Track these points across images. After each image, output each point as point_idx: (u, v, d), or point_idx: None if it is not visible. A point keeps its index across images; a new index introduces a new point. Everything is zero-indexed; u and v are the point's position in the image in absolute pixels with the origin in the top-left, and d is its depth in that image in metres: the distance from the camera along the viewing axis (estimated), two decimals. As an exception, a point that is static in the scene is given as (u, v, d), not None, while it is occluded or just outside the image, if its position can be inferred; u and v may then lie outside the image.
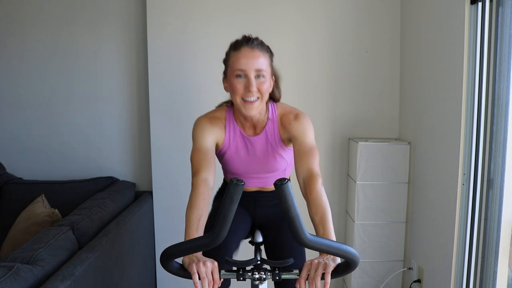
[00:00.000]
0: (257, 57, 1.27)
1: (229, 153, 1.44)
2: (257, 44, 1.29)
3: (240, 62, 1.27)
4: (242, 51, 1.28)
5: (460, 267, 1.74)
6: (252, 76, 1.27)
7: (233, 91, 1.30)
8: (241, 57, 1.27)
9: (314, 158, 1.29)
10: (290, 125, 1.37)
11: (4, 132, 2.52)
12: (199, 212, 1.16)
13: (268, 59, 1.31)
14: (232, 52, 1.31)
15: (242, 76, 1.28)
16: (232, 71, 1.29)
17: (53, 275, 1.31)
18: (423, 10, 2.07)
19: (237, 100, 1.30)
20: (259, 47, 1.30)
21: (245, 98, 1.29)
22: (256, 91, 1.28)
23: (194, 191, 1.22)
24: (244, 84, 1.28)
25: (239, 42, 1.31)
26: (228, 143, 1.43)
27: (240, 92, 1.28)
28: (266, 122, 1.41)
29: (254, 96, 1.28)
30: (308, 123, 1.37)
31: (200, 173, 1.26)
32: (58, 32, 2.43)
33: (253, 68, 1.27)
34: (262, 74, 1.28)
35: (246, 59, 1.27)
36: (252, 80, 1.27)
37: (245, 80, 1.28)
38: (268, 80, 1.31)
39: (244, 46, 1.28)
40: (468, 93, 1.68)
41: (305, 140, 1.33)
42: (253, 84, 1.27)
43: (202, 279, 1.02)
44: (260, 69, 1.27)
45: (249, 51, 1.28)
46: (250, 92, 1.27)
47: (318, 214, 1.15)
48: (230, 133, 1.42)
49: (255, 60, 1.27)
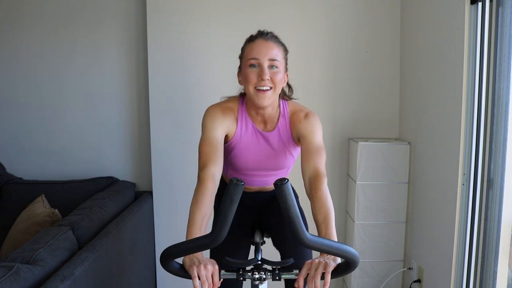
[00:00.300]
0: (271, 47, 1.30)
1: (239, 146, 1.41)
2: (271, 36, 1.33)
3: (254, 51, 1.29)
4: (256, 42, 1.31)
5: (460, 267, 1.74)
6: (266, 65, 1.28)
7: (247, 80, 1.30)
8: (255, 47, 1.30)
9: (321, 158, 1.29)
10: (300, 123, 1.37)
11: (4, 132, 2.52)
12: (205, 209, 1.16)
13: (282, 52, 1.33)
14: (247, 44, 1.33)
15: (256, 65, 1.29)
16: (246, 61, 1.31)
17: (53, 275, 1.31)
18: (423, 10, 2.07)
19: (250, 89, 1.30)
20: (274, 40, 1.33)
21: (258, 87, 1.28)
22: (269, 80, 1.28)
23: (201, 186, 1.20)
24: (258, 73, 1.28)
25: (254, 36, 1.34)
26: (240, 136, 1.40)
27: (254, 81, 1.28)
28: (278, 118, 1.40)
29: (267, 86, 1.28)
30: (317, 122, 1.37)
31: (208, 166, 1.24)
32: (58, 32, 2.43)
33: (267, 57, 1.28)
34: (275, 65, 1.29)
35: (260, 48, 1.29)
36: (265, 69, 1.27)
37: (258, 69, 1.29)
38: (281, 71, 1.31)
39: (259, 38, 1.31)
40: (468, 93, 1.68)
41: (313, 140, 1.33)
42: (266, 73, 1.27)
43: (202, 282, 1.02)
44: (273, 59, 1.29)
45: (263, 42, 1.30)
46: (263, 80, 1.27)
47: (321, 214, 1.15)
48: (242, 126, 1.39)
49: (269, 50, 1.29)
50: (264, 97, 1.29)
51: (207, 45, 2.32)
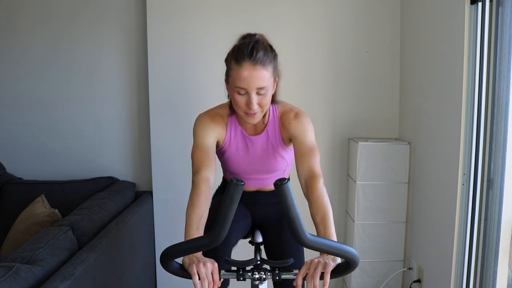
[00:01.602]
0: (258, 74, 1.21)
1: (229, 151, 1.43)
2: (260, 57, 1.21)
3: (241, 80, 1.22)
4: (243, 67, 1.21)
5: (460, 267, 1.74)
6: (253, 94, 1.24)
7: (235, 104, 1.29)
8: (242, 74, 1.21)
9: (315, 157, 1.28)
10: (289, 124, 1.36)
11: (4, 132, 2.52)
12: (200, 211, 1.16)
13: (270, 70, 1.25)
14: (234, 63, 1.23)
15: (243, 93, 1.25)
16: (233, 85, 1.26)
17: (53, 275, 1.31)
18: (423, 10, 2.07)
19: (239, 111, 1.30)
20: (262, 61, 1.21)
21: (247, 112, 1.28)
22: (257, 106, 1.26)
23: (195, 190, 1.21)
24: (246, 100, 1.26)
25: (240, 54, 1.22)
26: (229, 142, 1.42)
27: (242, 108, 1.28)
28: (267, 121, 1.40)
29: (255, 110, 1.27)
30: (307, 122, 1.36)
31: (201, 171, 1.25)
32: (58, 32, 2.43)
33: (254, 86, 1.23)
34: (263, 91, 1.25)
35: (248, 77, 1.21)
36: (253, 98, 1.24)
37: (246, 98, 1.25)
38: (269, 91, 1.28)
39: (246, 62, 1.20)
40: (468, 93, 1.68)
41: (305, 140, 1.32)
42: (253, 102, 1.24)
43: (202, 279, 1.02)
44: (261, 87, 1.23)
45: (251, 68, 1.20)
46: (251, 109, 1.26)
47: (319, 214, 1.15)
48: (231, 131, 1.41)
49: (256, 79, 1.21)
50: (253, 119, 1.30)
51: (207, 45, 2.32)
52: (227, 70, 1.30)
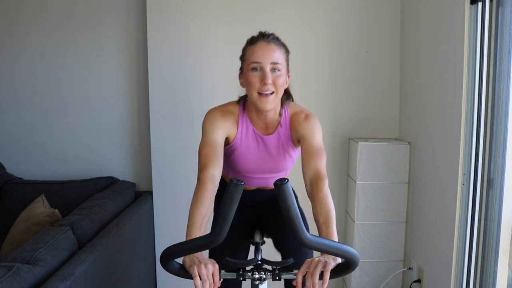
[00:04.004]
0: (273, 50, 1.28)
1: (239, 150, 1.41)
2: (273, 38, 1.31)
3: (256, 55, 1.28)
4: (258, 45, 1.29)
5: (460, 267, 1.74)
6: (268, 69, 1.27)
7: (249, 84, 1.29)
8: (257, 50, 1.28)
9: (322, 159, 1.29)
10: (299, 125, 1.37)
11: (4, 132, 2.52)
12: (204, 210, 1.16)
13: (283, 54, 1.32)
14: (248, 46, 1.32)
15: (258, 69, 1.28)
16: (247, 64, 1.29)
17: (53, 275, 1.31)
18: (423, 10, 2.07)
19: (252, 94, 1.30)
20: (275, 42, 1.31)
21: (261, 91, 1.28)
22: (271, 84, 1.27)
23: (200, 187, 1.20)
24: (260, 77, 1.27)
25: (255, 37, 1.32)
26: (240, 140, 1.40)
27: (256, 86, 1.28)
28: (279, 121, 1.40)
29: (270, 90, 1.28)
30: (317, 124, 1.37)
31: (207, 168, 1.24)
32: (58, 32, 2.43)
33: (269, 60, 1.27)
34: (277, 68, 1.28)
35: (262, 51, 1.27)
36: (268, 73, 1.27)
37: (260, 73, 1.28)
38: (283, 74, 1.30)
39: (260, 41, 1.30)
40: (468, 93, 1.68)
41: (313, 141, 1.33)
42: (268, 77, 1.26)
43: (203, 281, 1.02)
44: (275, 62, 1.28)
45: (265, 44, 1.29)
46: (265, 85, 1.26)
47: (322, 215, 1.16)
48: (242, 129, 1.40)
49: (271, 53, 1.27)
50: (267, 101, 1.29)
51: (207, 45, 2.32)
52: (242, 58, 1.35)
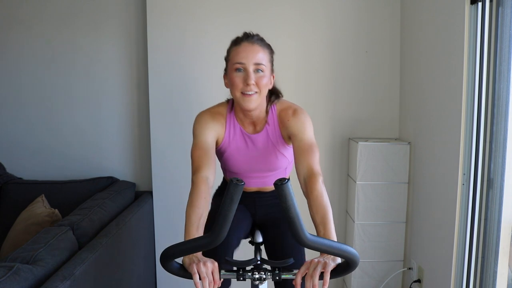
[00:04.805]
0: (256, 51, 1.29)
1: (229, 151, 1.43)
2: (257, 39, 1.32)
3: (240, 55, 1.29)
4: (242, 46, 1.30)
5: (460, 267, 1.74)
6: (251, 70, 1.28)
7: (232, 85, 1.31)
8: (240, 51, 1.29)
9: (314, 155, 1.28)
10: (288, 121, 1.36)
11: (4, 132, 2.52)
12: (200, 211, 1.16)
13: (268, 55, 1.33)
14: (233, 47, 1.33)
15: (241, 70, 1.29)
16: (231, 65, 1.31)
17: (53, 275, 1.31)
18: (423, 10, 2.07)
19: (236, 94, 1.31)
20: (259, 42, 1.32)
21: (244, 92, 1.29)
22: (254, 85, 1.28)
23: (194, 189, 1.21)
24: (243, 77, 1.29)
25: (239, 38, 1.33)
26: (228, 141, 1.41)
27: (239, 87, 1.29)
28: (266, 119, 1.40)
29: (253, 90, 1.29)
30: (306, 119, 1.36)
31: (200, 170, 1.25)
32: (58, 32, 2.43)
33: (252, 61, 1.28)
34: (261, 69, 1.29)
35: (246, 52, 1.28)
36: (251, 74, 1.28)
37: (244, 74, 1.29)
38: (267, 75, 1.31)
39: (244, 41, 1.31)
40: (468, 93, 1.68)
41: (304, 137, 1.31)
42: (251, 77, 1.27)
43: (203, 279, 1.02)
44: (259, 63, 1.29)
45: (249, 45, 1.30)
46: (248, 85, 1.28)
47: (319, 214, 1.14)
48: (230, 130, 1.41)
49: (254, 54, 1.28)
50: (250, 101, 1.30)
51: (207, 45, 2.32)
52: (226, 59, 1.36)
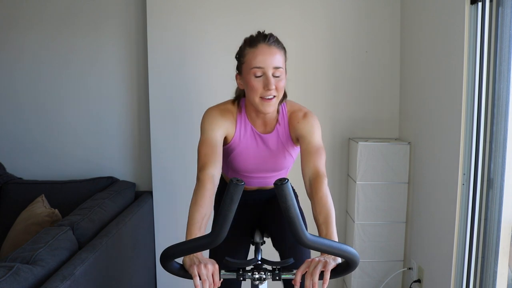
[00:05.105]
0: (274, 54, 1.26)
1: (238, 149, 1.41)
2: (273, 41, 1.28)
3: (258, 59, 1.25)
4: (259, 48, 1.26)
5: (460, 267, 1.74)
6: (270, 74, 1.25)
7: (251, 89, 1.27)
8: (258, 54, 1.25)
9: (321, 158, 1.28)
10: (298, 123, 1.36)
11: (4, 132, 2.52)
12: (204, 210, 1.15)
13: (283, 56, 1.30)
14: (248, 48, 1.28)
15: (260, 74, 1.26)
16: (248, 69, 1.27)
17: (53, 275, 1.31)
18: (423, 10, 2.07)
19: (254, 98, 1.29)
20: (276, 44, 1.28)
21: (264, 96, 1.27)
22: (274, 89, 1.26)
23: (200, 187, 1.19)
24: (263, 82, 1.26)
25: (255, 39, 1.28)
26: (239, 139, 1.39)
27: (259, 91, 1.27)
28: (277, 119, 1.39)
29: (272, 95, 1.27)
30: (316, 122, 1.36)
31: (207, 168, 1.23)
32: (58, 32, 2.43)
33: (271, 65, 1.25)
34: (279, 72, 1.27)
35: (264, 56, 1.25)
36: (271, 78, 1.25)
37: (263, 79, 1.26)
38: (284, 77, 1.30)
39: (261, 43, 1.26)
40: (468, 93, 1.68)
41: (312, 140, 1.32)
42: (272, 83, 1.25)
43: (203, 281, 1.02)
44: (278, 67, 1.26)
45: (267, 48, 1.26)
46: (269, 90, 1.25)
47: (322, 214, 1.15)
48: (241, 128, 1.39)
49: (273, 57, 1.25)
50: (269, 105, 1.29)
51: (207, 45, 2.32)
52: (240, 59, 1.32)
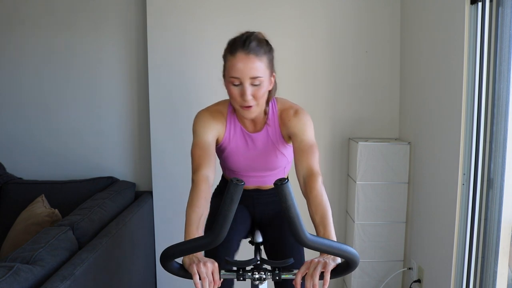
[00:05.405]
0: (251, 62, 1.21)
1: (229, 149, 1.42)
2: (253, 47, 1.22)
3: (235, 69, 1.22)
4: (237, 57, 1.22)
5: (460, 267, 1.74)
6: (247, 84, 1.23)
7: (231, 96, 1.28)
8: (235, 63, 1.22)
9: (314, 155, 1.27)
10: (289, 121, 1.35)
11: (4, 132, 2.52)
12: (200, 210, 1.16)
13: (265, 62, 1.25)
14: (229, 55, 1.25)
15: (238, 83, 1.24)
16: (228, 77, 1.26)
17: (53, 275, 1.31)
18: (423, 10, 2.07)
19: (235, 105, 1.30)
20: (255, 50, 1.22)
21: (242, 105, 1.27)
22: (251, 98, 1.25)
23: (195, 189, 1.21)
24: (240, 92, 1.25)
25: (234, 45, 1.24)
26: (228, 139, 1.41)
27: (237, 100, 1.27)
28: (266, 118, 1.39)
29: (250, 103, 1.26)
30: (307, 119, 1.35)
31: (201, 169, 1.25)
32: (58, 33, 2.43)
33: (248, 76, 1.22)
34: (257, 81, 1.24)
35: (241, 65, 1.21)
36: (247, 89, 1.23)
37: (240, 88, 1.25)
38: (265, 85, 1.26)
39: (240, 51, 1.22)
40: (468, 93, 1.68)
41: (304, 138, 1.31)
42: (247, 93, 1.23)
43: (203, 279, 1.02)
44: (255, 76, 1.22)
45: (244, 57, 1.21)
46: (245, 101, 1.25)
47: (318, 214, 1.14)
48: (230, 128, 1.40)
49: (250, 67, 1.21)
50: (249, 112, 1.29)
51: (207, 45, 2.32)
52: (224, 64, 1.31)
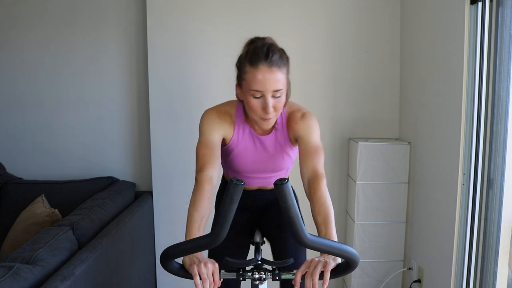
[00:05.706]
0: (274, 75, 1.19)
1: (236, 151, 1.41)
2: (276, 59, 1.20)
3: (258, 82, 1.19)
4: (259, 69, 1.19)
5: (460, 267, 1.74)
6: (269, 97, 1.21)
7: (250, 108, 1.26)
8: (257, 75, 1.19)
9: (319, 158, 1.28)
10: (296, 124, 1.36)
11: (4, 132, 2.52)
12: (203, 211, 1.16)
13: (285, 73, 1.24)
14: (248, 66, 1.21)
15: (259, 95, 1.22)
16: (248, 89, 1.22)
17: (53, 275, 1.31)
18: (423, 10, 2.07)
19: (253, 116, 1.28)
20: (278, 63, 1.20)
21: (262, 117, 1.26)
22: (273, 110, 1.24)
23: (198, 189, 1.20)
24: (261, 104, 1.23)
25: (256, 56, 1.20)
26: (237, 141, 1.40)
27: (258, 112, 1.25)
28: (275, 121, 1.39)
29: (271, 116, 1.25)
30: (314, 123, 1.36)
31: (205, 169, 1.24)
32: (58, 32, 2.43)
33: (271, 89, 1.20)
34: (279, 93, 1.22)
35: (264, 79, 1.19)
36: (269, 101, 1.21)
37: (261, 101, 1.22)
38: (284, 95, 1.26)
39: (262, 64, 1.19)
40: (468, 93, 1.68)
41: (310, 140, 1.32)
42: (270, 106, 1.22)
43: (203, 280, 1.02)
44: (277, 90, 1.21)
45: (267, 70, 1.19)
46: (267, 113, 1.23)
47: (321, 215, 1.15)
48: (239, 130, 1.39)
49: (273, 80, 1.19)
50: (268, 124, 1.30)
51: (207, 45, 2.32)
52: (240, 73, 1.27)
